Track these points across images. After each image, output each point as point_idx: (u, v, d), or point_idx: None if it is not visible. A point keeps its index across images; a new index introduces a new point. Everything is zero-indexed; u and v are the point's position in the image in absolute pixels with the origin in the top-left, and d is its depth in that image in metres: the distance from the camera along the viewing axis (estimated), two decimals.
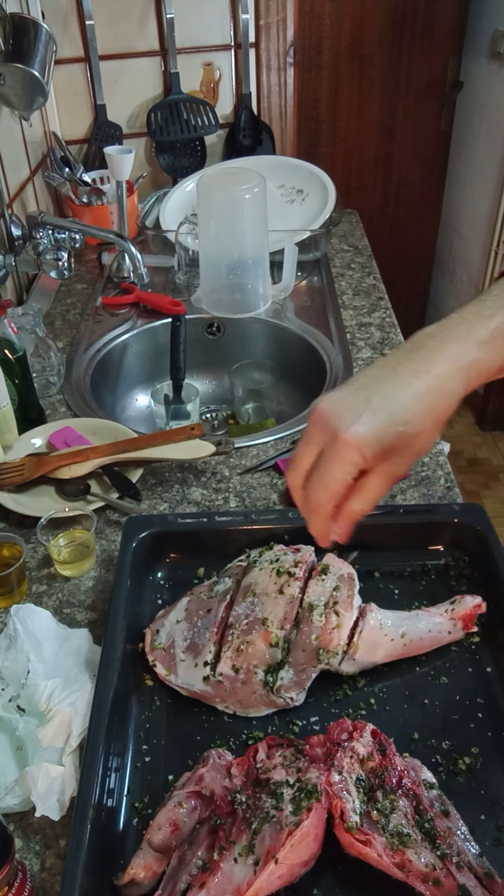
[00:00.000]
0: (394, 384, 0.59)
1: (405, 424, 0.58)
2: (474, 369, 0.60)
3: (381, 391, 0.58)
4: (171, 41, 1.80)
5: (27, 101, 1.43)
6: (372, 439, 0.57)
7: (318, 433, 0.59)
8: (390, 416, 0.58)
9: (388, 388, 0.59)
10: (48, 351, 1.27)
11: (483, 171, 2.61)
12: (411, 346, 0.61)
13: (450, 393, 0.60)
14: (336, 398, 0.60)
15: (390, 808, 0.62)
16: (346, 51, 2.40)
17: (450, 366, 0.59)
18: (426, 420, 0.59)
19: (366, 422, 0.57)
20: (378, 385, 0.59)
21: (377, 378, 0.60)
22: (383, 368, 0.61)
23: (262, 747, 0.68)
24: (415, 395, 0.58)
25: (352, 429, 0.57)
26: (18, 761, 0.72)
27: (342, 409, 0.58)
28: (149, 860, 0.62)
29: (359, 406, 0.58)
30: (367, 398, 0.58)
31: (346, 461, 0.58)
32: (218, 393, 1.57)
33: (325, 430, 0.58)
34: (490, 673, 0.78)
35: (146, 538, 0.89)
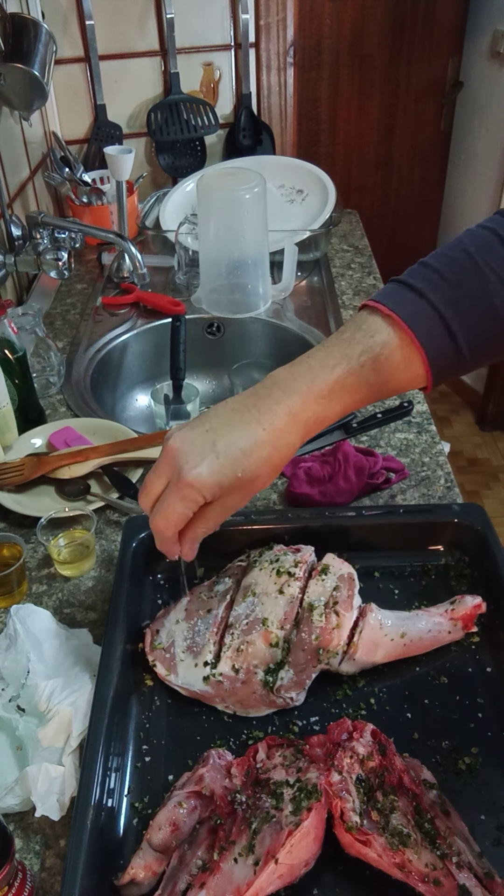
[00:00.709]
0: (238, 431, 0.63)
1: (244, 470, 0.63)
2: (312, 422, 0.65)
3: (226, 436, 0.63)
4: (171, 41, 1.81)
5: (27, 101, 1.43)
6: (212, 483, 0.63)
7: (166, 468, 0.64)
8: (231, 462, 0.63)
9: (233, 433, 0.63)
10: (48, 351, 1.27)
11: (483, 171, 2.61)
12: (262, 390, 0.66)
13: (287, 444, 0.65)
14: (185, 437, 0.64)
15: (390, 808, 0.62)
16: (346, 51, 2.40)
17: (289, 420, 0.64)
18: (263, 466, 0.64)
19: (208, 465, 0.62)
20: (225, 429, 0.64)
21: (225, 422, 0.64)
22: (233, 413, 0.65)
23: (262, 747, 0.68)
24: (256, 443, 0.63)
25: (194, 471, 0.62)
26: (18, 761, 0.73)
27: (189, 449, 0.63)
28: (149, 860, 0.62)
29: (204, 449, 0.63)
30: (213, 442, 0.63)
31: (187, 499, 0.64)
32: (218, 393, 1.57)
33: (171, 467, 0.64)
34: (490, 673, 0.78)
35: (146, 538, 0.89)
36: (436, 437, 1.13)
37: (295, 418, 0.64)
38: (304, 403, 0.64)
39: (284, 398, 0.64)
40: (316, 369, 0.65)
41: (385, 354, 0.65)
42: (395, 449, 1.11)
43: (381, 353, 0.65)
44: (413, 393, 1.23)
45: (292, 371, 0.66)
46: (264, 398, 0.65)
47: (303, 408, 0.64)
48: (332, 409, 0.65)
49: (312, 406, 0.64)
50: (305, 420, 0.65)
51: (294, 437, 0.65)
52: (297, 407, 0.64)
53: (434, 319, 0.65)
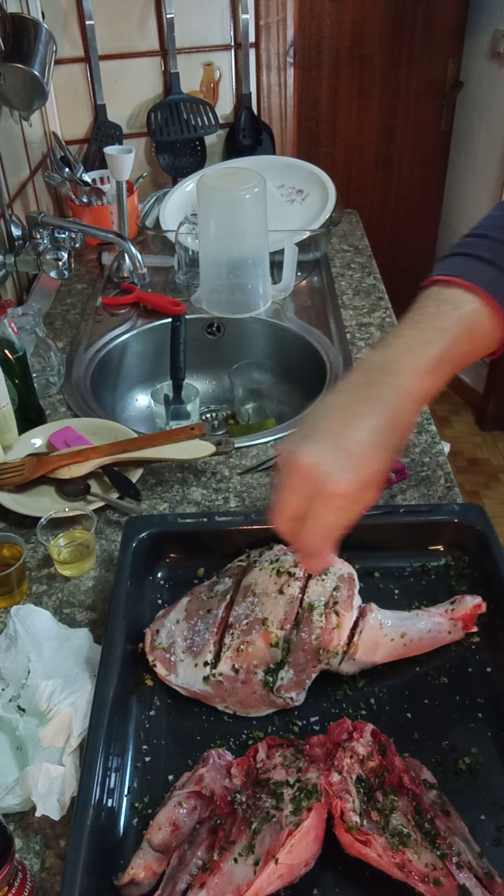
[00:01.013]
0: (361, 426, 0.63)
1: (379, 462, 0.63)
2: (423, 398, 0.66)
3: (351, 435, 0.62)
4: (171, 41, 1.80)
5: (27, 101, 1.43)
6: (355, 484, 0.62)
7: (303, 485, 0.63)
8: (366, 459, 0.62)
9: (357, 431, 0.63)
10: (48, 351, 1.27)
11: (483, 171, 2.61)
12: (364, 379, 0.65)
13: (407, 424, 0.65)
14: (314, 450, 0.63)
15: (390, 808, 0.62)
16: (346, 51, 2.40)
17: (402, 400, 0.64)
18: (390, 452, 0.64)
19: (349, 470, 0.61)
20: (348, 430, 0.63)
21: (341, 421, 0.64)
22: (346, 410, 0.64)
23: (262, 747, 0.68)
24: (382, 432, 0.63)
25: (339, 480, 0.61)
26: (18, 761, 0.73)
27: (324, 460, 0.62)
28: (149, 860, 0.62)
29: (336, 455, 0.62)
30: (343, 445, 0.62)
31: (340, 509, 0.63)
32: (218, 393, 1.57)
33: (309, 483, 0.62)
34: (490, 673, 0.78)
35: (146, 538, 0.89)
36: (436, 437, 1.13)
37: (407, 397, 0.64)
38: (413, 381, 0.64)
39: (391, 379, 0.64)
40: (415, 347, 0.65)
41: (476, 323, 0.66)
42: None
43: (472, 321, 0.65)
44: None
45: (388, 353, 0.65)
46: (371, 386, 0.64)
47: (412, 386, 0.64)
48: (437, 383, 0.65)
49: (420, 382, 0.64)
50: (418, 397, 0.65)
51: (411, 416, 0.66)
52: (407, 386, 0.64)
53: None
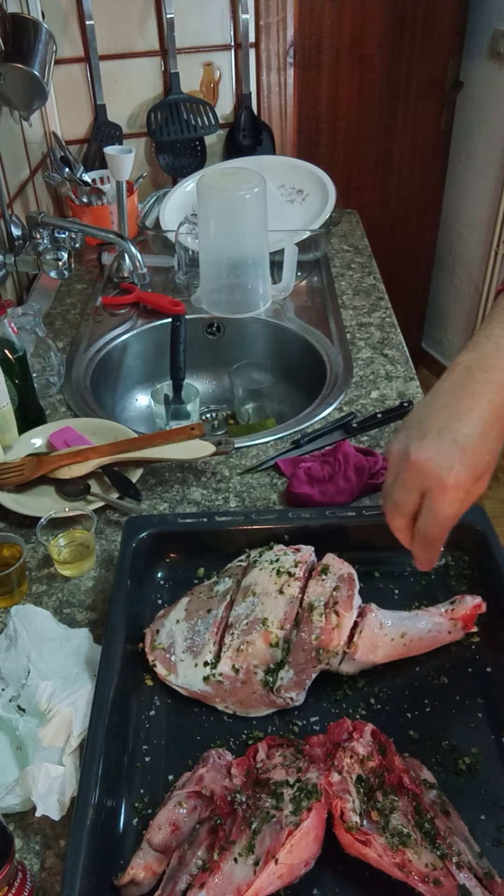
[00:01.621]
0: (466, 421, 0.66)
1: (489, 453, 0.66)
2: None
3: (460, 430, 0.65)
4: (171, 41, 1.80)
5: (27, 101, 1.43)
6: (471, 476, 0.65)
7: (418, 481, 0.66)
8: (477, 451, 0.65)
9: (463, 425, 0.66)
10: (48, 351, 1.27)
11: (483, 171, 2.61)
12: (460, 379, 0.68)
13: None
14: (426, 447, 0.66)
15: (390, 808, 0.62)
16: (346, 51, 2.40)
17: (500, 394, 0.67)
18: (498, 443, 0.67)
19: (462, 463, 0.64)
20: (455, 425, 0.66)
21: (448, 418, 0.67)
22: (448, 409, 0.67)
23: (262, 747, 0.68)
24: (488, 425, 0.66)
25: (453, 473, 0.64)
26: (18, 761, 0.72)
27: (436, 456, 0.65)
28: (149, 860, 0.62)
29: (450, 450, 0.65)
30: (453, 440, 0.65)
31: (456, 500, 0.66)
32: (218, 393, 1.57)
33: (426, 478, 0.66)
34: (490, 673, 0.78)
35: (146, 538, 0.89)
36: None
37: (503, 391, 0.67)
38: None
39: (488, 376, 0.67)
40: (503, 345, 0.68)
41: None
42: None
43: None
44: (412, 393, 1.23)
45: (479, 353, 0.68)
46: (468, 384, 0.67)
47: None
48: None
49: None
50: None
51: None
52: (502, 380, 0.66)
53: None
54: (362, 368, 1.31)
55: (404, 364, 1.31)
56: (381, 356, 1.34)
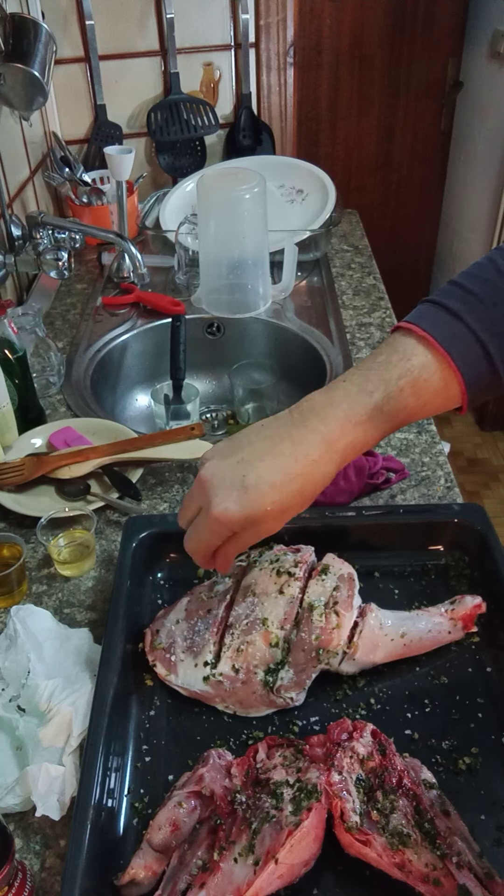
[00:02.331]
0: (270, 463, 0.62)
1: (273, 503, 0.62)
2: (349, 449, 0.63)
3: (256, 468, 0.62)
4: (171, 41, 1.80)
5: (27, 101, 1.43)
6: (238, 518, 0.62)
7: (199, 496, 0.65)
8: (260, 496, 0.62)
9: (263, 466, 0.62)
10: (48, 351, 1.27)
11: (483, 171, 2.61)
12: (297, 416, 0.65)
13: (322, 474, 0.63)
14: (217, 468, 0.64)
15: (390, 808, 0.62)
16: (346, 51, 2.40)
17: (325, 449, 0.62)
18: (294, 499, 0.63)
19: (236, 500, 0.62)
20: (256, 461, 0.63)
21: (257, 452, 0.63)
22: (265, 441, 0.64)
23: (262, 747, 0.68)
24: (287, 476, 0.62)
25: (221, 506, 0.62)
26: (18, 761, 0.72)
27: (219, 482, 0.63)
28: (149, 860, 0.62)
29: (234, 482, 0.62)
30: (243, 476, 0.62)
31: (215, 532, 0.64)
32: (218, 393, 1.57)
33: (203, 496, 0.64)
34: (490, 673, 0.78)
35: (146, 538, 0.89)
36: (436, 437, 1.13)
37: (331, 447, 0.63)
38: (342, 430, 0.63)
39: (321, 426, 0.63)
40: (353, 395, 0.63)
41: (424, 378, 0.63)
42: (395, 449, 1.11)
43: (419, 376, 0.63)
44: None
45: (329, 396, 0.64)
46: (299, 425, 0.63)
47: (340, 435, 0.63)
48: (370, 435, 0.64)
49: (350, 432, 0.63)
50: (343, 447, 0.63)
51: (329, 467, 0.63)
52: (335, 434, 0.62)
53: (470, 341, 0.63)
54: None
55: None
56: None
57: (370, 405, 0.63)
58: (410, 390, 0.63)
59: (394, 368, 0.63)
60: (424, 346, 0.63)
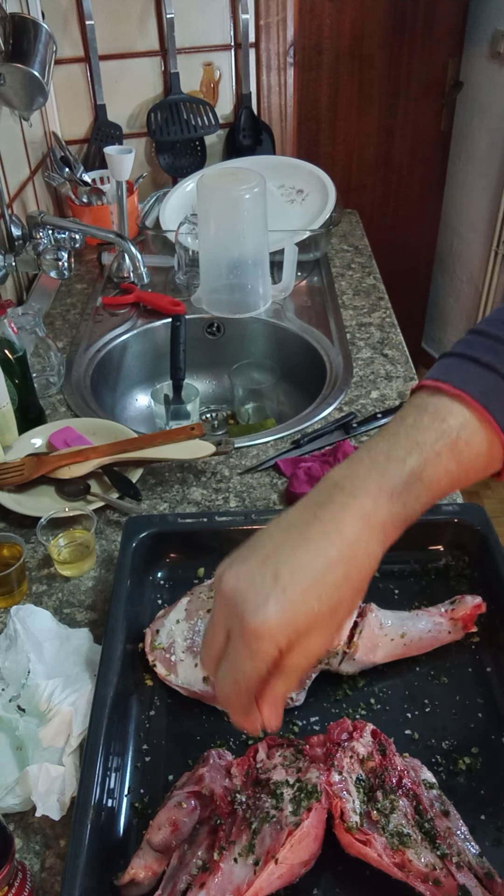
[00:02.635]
0: (303, 552, 0.51)
1: (319, 601, 0.50)
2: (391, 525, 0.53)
3: (288, 562, 0.51)
4: (171, 41, 1.80)
5: (27, 101, 1.43)
6: (282, 626, 0.50)
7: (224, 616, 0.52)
8: (302, 594, 0.50)
9: (296, 557, 0.51)
10: (48, 351, 1.27)
11: (483, 171, 2.61)
12: (319, 498, 0.54)
13: (366, 556, 0.53)
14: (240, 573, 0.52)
15: (390, 808, 0.62)
16: (346, 51, 2.40)
17: (363, 526, 0.52)
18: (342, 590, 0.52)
19: (274, 605, 0.49)
20: (285, 554, 0.52)
21: (284, 543, 0.52)
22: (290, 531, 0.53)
23: (262, 747, 0.68)
24: (327, 563, 0.51)
25: (259, 616, 0.49)
26: (18, 761, 0.72)
27: (247, 587, 0.51)
28: (149, 860, 0.62)
29: (265, 584, 0.50)
30: (275, 573, 0.51)
31: (256, 655, 0.50)
32: (218, 393, 1.57)
33: (230, 614, 0.51)
34: (490, 673, 0.78)
35: (146, 538, 0.89)
36: None
37: (369, 522, 0.52)
38: (377, 503, 0.52)
39: (351, 501, 0.53)
40: (382, 463, 0.53)
41: (464, 440, 0.54)
42: None
43: (458, 437, 0.54)
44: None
45: (352, 468, 0.55)
46: (325, 505, 0.53)
47: (376, 509, 0.52)
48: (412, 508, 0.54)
49: (387, 506, 0.53)
50: (383, 523, 0.53)
51: (373, 546, 0.53)
52: (369, 508, 0.52)
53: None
54: (362, 368, 1.31)
55: (404, 364, 1.31)
56: (381, 356, 1.34)
57: (405, 473, 0.53)
58: (449, 454, 0.54)
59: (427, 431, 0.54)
60: (460, 404, 0.55)
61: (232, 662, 0.52)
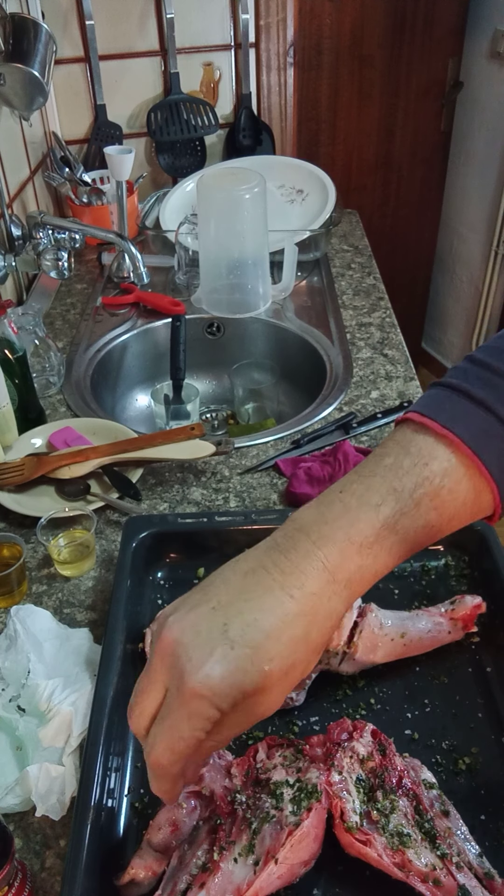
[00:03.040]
0: (258, 604, 0.46)
1: (270, 661, 0.45)
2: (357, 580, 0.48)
3: (241, 613, 0.46)
4: (171, 41, 1.81)
5: (27, 101, 1.43)
6: (227, 687, 0.44)
7: (163, 670, 0.47)
8: (252, 652, 0.45)
9: (249, 608, 0.46)
10: (48, 351, 1.27)
11: (483, 171, 2.61)
12: (283, 540, 0.49)
13: (328, 614, 0.48)
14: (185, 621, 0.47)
15: (390, 808, 0.62)
16: (346, 51, 2.40)
17: (326, 579, 0.47)
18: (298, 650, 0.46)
19: (220, 662, 0.44)
20: (239, 603, 0.46)
21: (239, 592, 0.47)
22: (246, 577, 0.48)
23: (262, 747, 0.68)
24: (284, 618, 0.46)
25: (201, 673, 0.44)
26: (18, 761, 0.72)
27: (191, 640, 0.45)
28: (149, 860, 0.62)
29: (212, 638, 0.45)
30: (224, 626, 0.45)
31: (196, 716, 0.45)
32: (218, 393, 1.57)
33: (169, 669, 0.46)
34: (490, 673, 0.78)
35: (146, 538, 0.89)
36: None
37: (333, 576, 0.47)
38: (343, 555, 0.47)
39: (315, 549, 0.47)
40: (354, 509, 0.48)
41: (448, 488, 0.49)
42: None
43: (440, 486, 0.48)
44: (412, 393, 1.23)
45: (321, 512, 0.49)
46: (287, 551, 0.48)
47: (342, 561, 0.47)
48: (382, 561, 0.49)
49: (355, 559, 0.48)
50: (348, 578, 0.48)
51: (335, 602, 0.48)
52: (335, 560, 0.47)
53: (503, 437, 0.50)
54: (362, 368, 1.31)
55: (404, 364, 1.31)
56: (381, 356, 1.34)
57: (378, 523, 0.48)
58: (429, 504, 0.48)
59: (406, 476, 0.49)
60: (446, 447, 0.49)
61: (168, 726, 0.46)
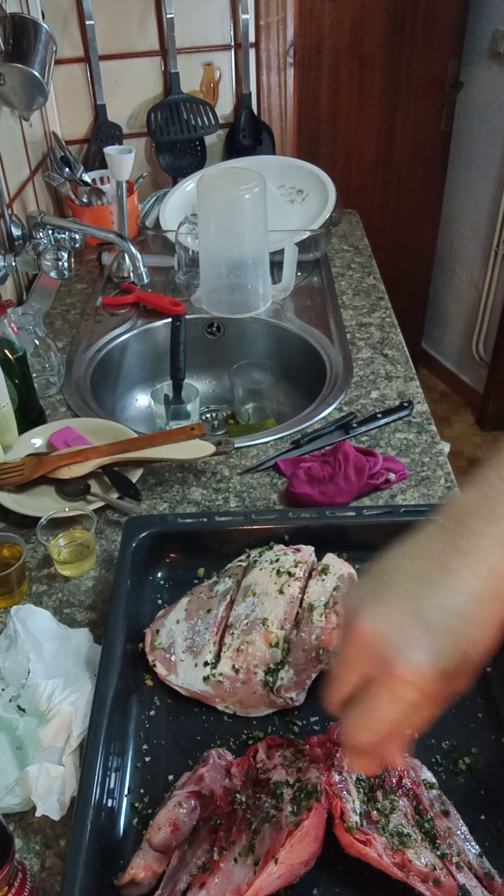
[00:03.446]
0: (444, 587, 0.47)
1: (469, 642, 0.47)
2: None
3: (431, 598, 0.47)
4: (171, 41, 1.80)
5: (27, 101, 1.43)
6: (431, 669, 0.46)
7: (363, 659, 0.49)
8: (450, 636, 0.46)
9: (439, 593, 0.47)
10: (48, 351, 1.27)
11: (483, 171, 2.61)
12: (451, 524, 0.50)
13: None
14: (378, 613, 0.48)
15: (390, 808, 0.62)
16: (346, 51, 2.40)
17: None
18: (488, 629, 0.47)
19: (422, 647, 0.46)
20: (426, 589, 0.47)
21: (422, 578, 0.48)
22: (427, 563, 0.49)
23: (262, 747, 0.68)
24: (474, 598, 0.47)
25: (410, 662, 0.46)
26: (18, 761, 0.72)
27: (388, 630, 0.47)
28: (149, 860, 0.62)
29: (408, 624, 0.47)
30: (416, 611, 0.47)
31: (402, 700, 0.47)
32: (218, 393, 1.57)
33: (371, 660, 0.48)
34: (490, 673, 0.78)
35: (146, 538, 0.89)
36: (436, 437, 1.13)
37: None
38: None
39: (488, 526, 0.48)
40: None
41: None
42: (395, 449, 1.11)
43: None
44: (412, 392, 1.23)
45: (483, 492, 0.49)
46: (459, 533, 0.48)
47: None
48: None
49: None
50: None
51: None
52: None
53: None
54: (362, 368, 1.31)
55: (404, 364, 1.31)
56: (381, 356, 1.34)
57: None
58: None
59: None
60: None
61: (373, 710, 0.48)
